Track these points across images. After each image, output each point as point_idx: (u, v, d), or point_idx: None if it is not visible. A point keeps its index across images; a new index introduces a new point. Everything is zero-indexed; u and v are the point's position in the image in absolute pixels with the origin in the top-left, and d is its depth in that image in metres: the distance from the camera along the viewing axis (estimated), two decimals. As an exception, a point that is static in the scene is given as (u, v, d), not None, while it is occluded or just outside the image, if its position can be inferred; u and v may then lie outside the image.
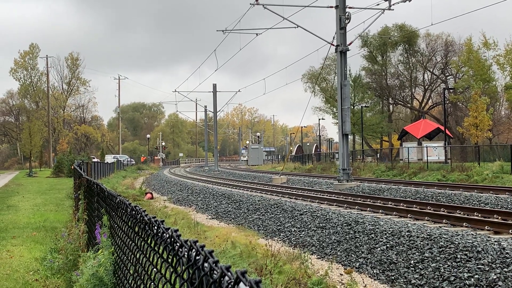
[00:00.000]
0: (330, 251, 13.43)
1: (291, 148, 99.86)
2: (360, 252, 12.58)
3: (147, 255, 2.31)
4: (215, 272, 1.26)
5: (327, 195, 24.57)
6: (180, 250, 1.63)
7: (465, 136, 53.10)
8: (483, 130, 45.42)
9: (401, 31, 70.78)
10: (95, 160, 63.59)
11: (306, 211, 17.64)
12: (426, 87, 75.68)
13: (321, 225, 15.62)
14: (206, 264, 1.40)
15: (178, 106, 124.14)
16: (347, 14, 29.93)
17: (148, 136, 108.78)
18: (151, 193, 30.18)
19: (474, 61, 58.32)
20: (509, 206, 18.04)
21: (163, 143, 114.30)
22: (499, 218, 15.03)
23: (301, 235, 15.49)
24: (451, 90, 61.81)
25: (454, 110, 69.21)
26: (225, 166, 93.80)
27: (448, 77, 72.95)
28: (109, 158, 77.05)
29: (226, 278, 1.16)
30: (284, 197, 24.51)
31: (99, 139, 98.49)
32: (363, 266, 11.84)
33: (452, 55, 70.74)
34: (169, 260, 1.80)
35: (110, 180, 42.64)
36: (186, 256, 1.54)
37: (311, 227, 15.79)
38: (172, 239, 1.71)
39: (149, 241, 2.29)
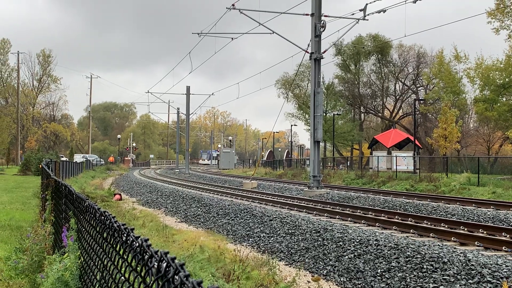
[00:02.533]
0: (298, 258, 13.44)
1: (263, 153, 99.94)
2: (328, 259, 12.62)
3: (115, 263, 2.26)
4: (185, 286, 1.23)
5: (297, 202, 24.59)
6: (150, 260, 1.60)
7: (434, 147, 53.90)
8: (452, 141, 46.13)
9: (374, 41, 71.57)
10: (64, 159, 62.70)
11: (275, 217, 17.64)
12: (397, 97, 76.66)
13: (290, 231, 15.63)
14: (176, 277, 1.37)
15: (150, 107, 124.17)
16: (322, 22, 30.14)
17: (118, 136, 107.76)
18: (120, 194, 29.82)
19: (445, 74, 59.24)
20: (475, 218, 18.32)
21: (134, 144, 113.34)
22: (465, 229, 15.24)
23: (270, 241, 15.48)
24: (421, 101, 62.67)
25: (424, 121, 70.19)
26: (196, 169, 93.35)
27: (419, 88, 74.01)
28: (78, 158, 76.03)
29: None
30: (254, 202, 24.45)
31: (69, 137, 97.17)
32: (330, 274, 11.88)
33: (423, 66, 71.82)
34: (138, 269, 1.76)
35: (79, 180, 42.04)
36: (156, 267, 1.51)
37: (280, 233, 15.80)
38: (142, 249, 1.67)
39: (117, 249, 2.24)
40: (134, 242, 1.83)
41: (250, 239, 16.32)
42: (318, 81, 30.69)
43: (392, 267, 10.99)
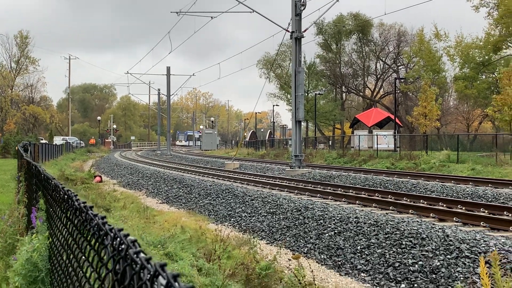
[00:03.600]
0: (279, 237, 13.48)
1: (245, 134, 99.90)
2: (309, 237, 12.67)
3: (78, 242, 2.20)
4: (135, 263, 1.17)
5: (279, 181, 24.64)
6: (105, 238, 1.53)
7: (414, 125, 54.21)
8: (432, 119, 46.44)
9: (355, 20, 71.48)
10: (43, 141, 62.02)
11: (257, 197, 17.66)
12: (378, 76, 76.89)
13: (271, 210, 15.66)
14: (128, 254, 1.30)
15: (130, 89, 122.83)
16: (302, 0, 29.94)
17: (99, 118, 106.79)
18: (100, 176, 29.62)
19: (425, 52, 59.45)
20: (454, 194, 18.50)
21: (115, 126, 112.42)
22: (444, 205, 15.37)
23: (252, 221, 15.50)
24: (402, 80, 62.92)
25: (405, 99, 70.55)
26: (178, 150, 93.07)
27: (399, 67, 74.27)
28: (58, 140, 75.27)
29: (146, 270, 1.07)
30: (236, 182, 24.44)
31: (48, 120, 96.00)
32: (311, 252, 11.93)
33: (404, 45, 71.99)
34: (96, 248, 1.70)
35: (59, 162, 41.67)
36: (110, 244, 1.45)
37: (262, 213, 15.82)
38: (98, 226, 1.61)
39: (80, 228, 2.17)
40: (92, 220, 1.76)
41: (232, 219, 16.33)
42: (299, 60, 30.59)
43: (372, 244, 11.06)
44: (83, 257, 1.98)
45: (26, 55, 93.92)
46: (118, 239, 1.39)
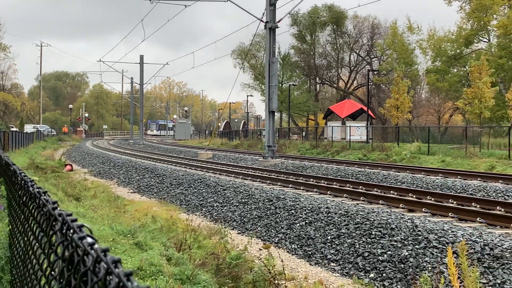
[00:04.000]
0: (251, 226, 13.47)
1: (219, 124, 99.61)
2: (280, 227, 12.69)
3: (33, 228, 2.13)
4: (80, 248, 1.11)
5: (251, 171, 24.65)
6: (55, 223, 1.48)
7: (387, 117, 54.66)
8: (404, 111, 46.86)
9: (329, 11, 71.59)
10: (14, 129, 60.95)
11: (229, 187, 17.62)
12: (352, 68, 77.23)
13: (243, 200, 15.64)
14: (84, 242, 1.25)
15: (103, 77, 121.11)
16: (277, -10, 29.85)
17: (70, 106, 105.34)
18: (71, 165, 29.29)
19: (398, 45, 59.91)
20: (424, 186, 18.70)
21: (87, 114, 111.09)
22: (414, 196, 15.54)
23: (223, 210, 15.47)
24: (375, 72, 63.32)
25: (378, 91, 71.05)
26: (151, 139, 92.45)
27: (373, 59, 74.66)
28: (28, 128, 74.12)
29: (90, 256, 1.02)
30: (208, 172, 24.37)
31: (19, 107, 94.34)
32: (282, 241, 11.95)
33: (377, 37, 72.33)
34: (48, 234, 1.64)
35: (29, 150, 41.07)
36: (59, 230, 1.39)
37: (234, 203, 15.79)
38: (48, 212, 1.55)
39: (34, 214, 2.10)
40: (45, 207, 1.70)
41: (203, 209, 16.28)
42: (273, 50, 30.54)
43: (342, 234, 11.12)
44: (37, 244, 1.91)
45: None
46: (67, 224, 1.34)
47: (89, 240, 1.10)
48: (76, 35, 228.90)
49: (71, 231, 1.26)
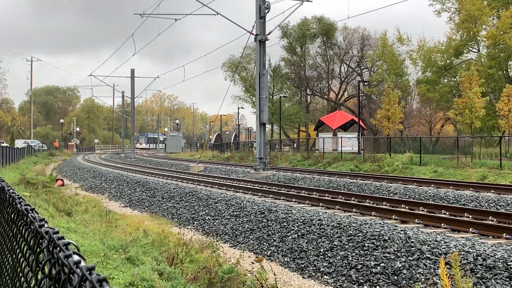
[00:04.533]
0: (243, 240, 13.42)
1: (210, 136, 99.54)
2: (272, 240, 12.65)
3: (20, 246, 2.11)
4: (66, 266, 1.10)
5: (243, 184, 24.60)
6: (42, 241, 1.46)
7: (378, 128, 54.86)
8: (395, 122, 47.05)
9: (319, 24, 72.00)
10: (4, 144, 60.62)
11: (221, 200, 17.57)
12: (343, 79, 77.56)
13: (235, 213, 15.59)
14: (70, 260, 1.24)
15: (94, 91, 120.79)
16: (266, 3, 30.02)
17: (61, 121, 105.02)
18: (62, 180, 29.16)
19: (388, 56, 60.30)
20: (417, 196, 18.73)
21: (78, 129, 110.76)
22: (406, 207, 15.55)
23: (215, 224, 15.41)
24: (365, 83, 63.61)
25: (368, 102, 71.32)
26: (142, 153, 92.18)
27: (363, 70, 75.02)
28: (19, 143, 73.75)
29: (76, 275, 1.01)
30: (200, 185, 24.31)
31: (10, 123, 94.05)
32: (274, 254, 11.91)
33: (368, 49, 72.75)
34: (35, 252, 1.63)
35: (20, 166, 40.87)
36: (46, 248, 1.38)
37: (225, 216, 15.74)
38: (35, 229, 1.54)
39: (22, 231, 2.09)
40: (32, 224, 1.69)
41: (195, 222, 16.21)
42: (263, 63, 30.63)
43: (335, 246, 11.10)
44: (25, 262, 1.89)
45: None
46: (53, 242, 1.32)
47: (76, 258, 1.09)
48: (67, 50, 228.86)
49: (58, 249, 1.24)
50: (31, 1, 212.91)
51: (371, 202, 16.75)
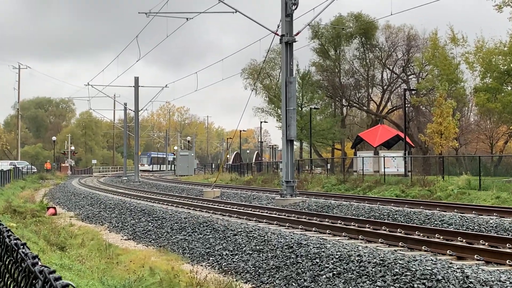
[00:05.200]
0: (267, 279, 13.39)
1: (228, 156, 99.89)
2: (303, 280, 12.60)
3: (9, 286, 2.14)
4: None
5: (267, 212, 24.60)
6: (35, 282, 1.49)
7: (428, 145, 54.49)
8: (449, 138, 46.72)
9: (357, 21, 72.05)
10: (-13, 166, 61.57)
11: (241, 231, 17.58)
12: (385, 87, 77.35)
13: (258, 247, 15.58)
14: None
15: (92, 103, 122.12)
16: (294, -1, 30.18)
17: (54, 138, 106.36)
18: (54, 208, 29.52)
19: (440, 59, 59.99)
20: (476, 228, 18.53)
21: (73, 148, 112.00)
22: (464, 241, 15.38)
23: (234, 260, 15.41)
24: (413, 92, 63.37)
25: (416, 114, 70.96)
26: (148, 176, 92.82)
27: (410, 77, 74.77)
28: (4, 165, 74.82)
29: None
30: (216, 214, 24.39)
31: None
32: (305, 297, 11.86)
33: (415, 51, 72.54)
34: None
35: (5, 191, 41.42)
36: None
37: (246, 250, 15.73)
38: (28, 268, 1.56)
39: (11, 270, 2.12)
40: (24, 261, 1.72)
41: (211, 258, 16.22)
42: (290, 68, 30.71)
43: (378, 287, 11.02)
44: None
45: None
46: (49, 283, 1.35)
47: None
48: (61, 55, 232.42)
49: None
50: (19, 2, 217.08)
51: (421, 235, 16.62)
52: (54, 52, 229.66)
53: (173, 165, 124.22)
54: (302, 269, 13.08)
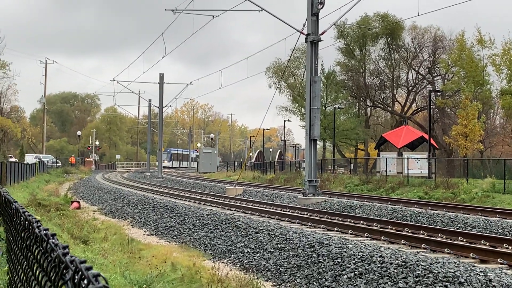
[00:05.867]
0: (288, 278, 13.40)
1: (250, 154, 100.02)
2: (324, 279, 12.58)
3: (37, 277, 2.17)
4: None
5: (289, 211, 24.65)
6: (66, 271, 1.51)
7: (453, 147, 54.07)
8: (474, 141, 46.34)
9: (383, 22, 71.71)
10: (13, 159, 62.35)
11: (262, 229, 17.60)
12: (410, 88, 76.86)
13: (279, 246, 15.59)
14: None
15: (117, 99, 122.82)
16: (320, -2, 30.13)
17: (79, 133, 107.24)
18: (78, 202, 29.76)
19: (466, 61, 59.45)
20: (499, 231, 18.39)
21: (97, 143, 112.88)
22: (487, 244, 15.28)
23: (255, 258, 15.44)
24: (438, 93, 62.87)
25: (441, 116, 70.43)
26: (171, 172, 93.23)
27: (435, 78, 74.20)
28: (30, 158, 75.68)
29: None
30: (238, 211, 24.48)
31: (19, 134, 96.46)
32: (326, 297, 11.84)
33: (441, 52, 71.99)
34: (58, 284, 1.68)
35: (30, 184, 41.91)
36: (71, 279, 1.42)
37: (268, 248, 15.75)
38: (58, 258, 1.59)
39: (40, 260, 2.15)
40: (53, 252, 1.74)
41: (232, 255, 16.27)
42: (315, 68, 30.68)
43: (399, 289, 10.98)
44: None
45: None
46: (80, 273, 1.37)
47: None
48: (87, 51, 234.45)
49: (85, 281, 1.29)
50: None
51: (444, 237, 16.55)
52: (81, 48, 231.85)
53: (193, 162, 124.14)
54: (324, 269, 13.07)
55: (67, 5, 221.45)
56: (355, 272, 12.26)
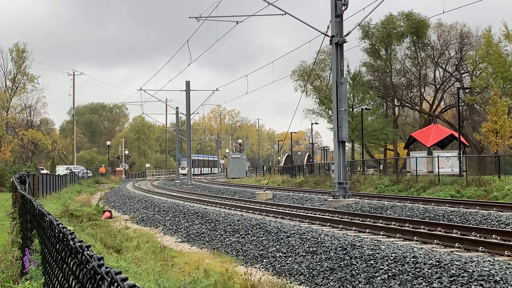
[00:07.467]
0: (321, 281, 13.37)
1: (279, 158, 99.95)
2: (357, 281, 12.54)
3: (74, 287, 2.20)
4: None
5: (319, 214, 24.60)
6: (102, 283, 1.53)
7: (483, 144, 53.48)
8: (505, 137, 45.76)
9: (408, 20, 71.30)
10: (44, 171, 63.19)
11: (294, 233, 17.59)
12: (438, 86, 76.26)
13: (311, 249, 15.57)
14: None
15: (144, 108, 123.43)
16: (344, -1, 30.07)
17: (108, 143, 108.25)
18: (110, 211, 30.01)
19: (494, 56, 58.83)
20: (534, 227, 18.15)
21: (126, 152, 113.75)
22: (522, 241, 15.10)
23: (288, 262, 15.43)
24: (466, 90, 62.27)
25: (471, 113, 69.78)
26: (201, 179, 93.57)
27: (463, 75, 73.56)
28: (61, 170, 76.53)
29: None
30: (268, 216, 24.48)
31: (50, 146, 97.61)
32: (360, 299, 11.79)
33: (468, 49, 71.35)
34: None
35: (62, 195, 42.34)
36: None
37: (300, 252, 15.74)
38: (94, 270, 1.61)
39: (76, 272, 2.18)
40: (89, 262, 1.76)
41: (264, 260, 16.28)
42: (341, 69, 30.61)
43: (434, 289, 10.89)
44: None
45: (24, 71, 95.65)
46: (116, 284, 1.39)
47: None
48: (116, 61, 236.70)
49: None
50: (76, 10, 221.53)
51: (478, 235, 16.40)
52: (110, 58, 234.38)
53: (214, 168, 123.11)
54: (357, 271, 13.02)
55: (94, 16, 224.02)
56: (389, 274, 12.20)
